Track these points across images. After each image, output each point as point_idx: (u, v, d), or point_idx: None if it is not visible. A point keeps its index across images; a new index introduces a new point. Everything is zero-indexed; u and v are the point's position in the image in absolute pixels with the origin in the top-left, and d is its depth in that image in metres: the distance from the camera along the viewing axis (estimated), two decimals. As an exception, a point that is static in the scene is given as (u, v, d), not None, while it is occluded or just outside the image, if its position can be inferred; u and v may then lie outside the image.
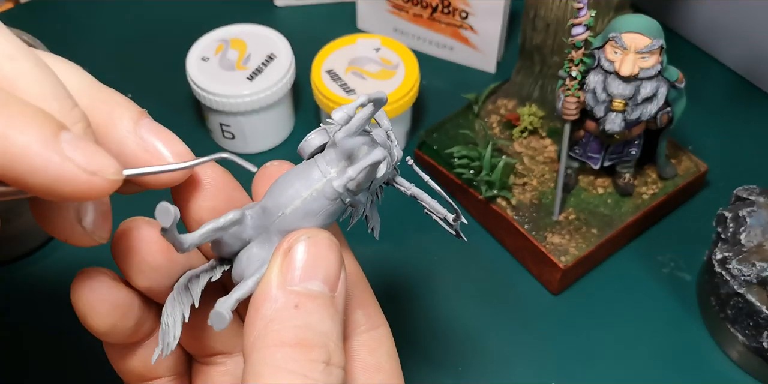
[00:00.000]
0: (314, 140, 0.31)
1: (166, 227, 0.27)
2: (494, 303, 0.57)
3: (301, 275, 0.28)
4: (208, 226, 0.29)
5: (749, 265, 0.51)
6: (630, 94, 0.51)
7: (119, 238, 0.30)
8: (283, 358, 0.27)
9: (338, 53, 0.62)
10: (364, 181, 0.30)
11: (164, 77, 0.68)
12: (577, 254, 0.55)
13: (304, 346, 0.27)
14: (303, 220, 0.30)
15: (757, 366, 0.53)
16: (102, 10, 0.74)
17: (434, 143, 0.60)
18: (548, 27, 0.58)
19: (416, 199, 0.33)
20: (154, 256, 0.30)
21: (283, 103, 0.62)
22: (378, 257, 0.58)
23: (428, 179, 0.32)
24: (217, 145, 0.65)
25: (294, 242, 0.29)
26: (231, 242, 0.30)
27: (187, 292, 0.31)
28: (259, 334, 0.27)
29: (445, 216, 0.33)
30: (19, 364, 0.54)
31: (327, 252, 0.29)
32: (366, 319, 0.33)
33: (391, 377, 0.32)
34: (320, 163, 0.30)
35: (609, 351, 0.54)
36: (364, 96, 0.28)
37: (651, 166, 0.59)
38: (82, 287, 0.30)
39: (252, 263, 0.30)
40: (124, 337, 0.31)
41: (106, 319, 0.31)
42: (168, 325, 0.30)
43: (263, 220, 0.30)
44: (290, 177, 0.30)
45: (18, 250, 0.59)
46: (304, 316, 0.28)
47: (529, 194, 0.58)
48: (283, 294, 0.28)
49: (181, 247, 0.29)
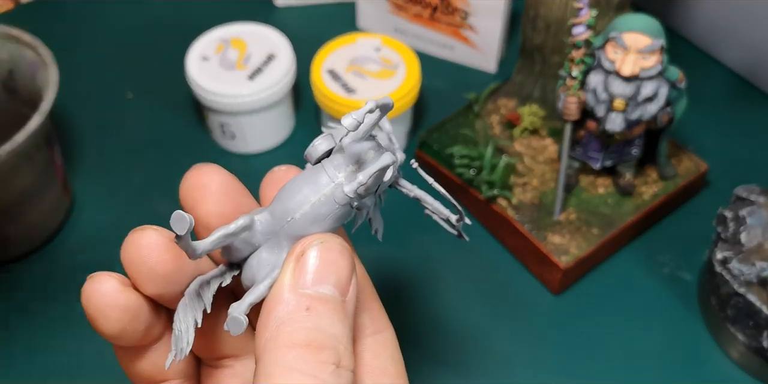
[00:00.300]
0: (321, 146, 0.31)
1: (181, 235, 0.27)
2: (495, 303, 0.57)
3: (313, 279, 0.29)
4: (219, 233, 0.30)
5: (749, 265, 0.51)
6: (631, 93, 0.51)
7: (128, 246, 0.30)
8: (294, 359, 0.27)
9: (338, 53, 0.62)
10: (373, 185, 0.30)
11: (164, 77, 0.68)
12: (578, 254, 0.55)
13: (315, 348, 0.27)
14: (312, 224, 0.30)
15: (757, 366, 0.53)
16: (102, 10, 0.74)
17: (435, 143, 0.60)
18: (549, 27, 0.58)
19: (419, 201, 0.33)
20: (164, 265, 0.30)
21: (283, 103, 0.62)
22: (380, 258, 0.58)
23: (432, 181, 0.32)
24: (217, 145, 0.65)
25: (307, 247, 0.29)
26: (241, 247, 0.31)
27: (199, 297, 0.31)
28: (271, 335, 0.28)
29: (448, 217, 0.34)
30: (19, 363, 0.54)
31: (339, 257, 0.29)
32: (371, 323, 0.33)
33: (396, 380, 0.32)
34: (328, 168, 0.30)
35: (609, 351, 0.54)
36: (372, 102, 0.28)
37: (651, 166, 0.59)
38: (92, 292, 0.31)
39: (262, 268, 0.31)
40: (134, 340, 0.32)
41: (116, 324, 0.31)
42: (181, 330, 0.30)
43: (272, 225, 0.31)
44: (298, 182, 0.31)
45: (18, 250, 0.59)
46: (315, 318, 0.28)
47: (530, 194, 0.58)
48: (294, 297, 0.28)
49: (193, 253, 0.29)
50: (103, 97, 0.68)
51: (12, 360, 0.55)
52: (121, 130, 0.66)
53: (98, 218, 0.61)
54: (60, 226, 0.60)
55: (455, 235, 0.35)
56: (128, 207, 0.62)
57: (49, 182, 0.57)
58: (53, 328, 0.55)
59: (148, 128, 0.66)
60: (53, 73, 0.54)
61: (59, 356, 0.54)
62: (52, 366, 0.54)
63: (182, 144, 0.65)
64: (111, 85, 0.69)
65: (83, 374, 0.54)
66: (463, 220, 0.34)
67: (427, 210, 0.34)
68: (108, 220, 0.61)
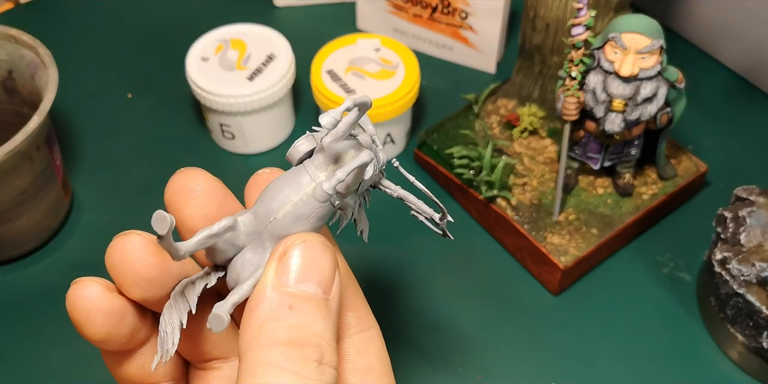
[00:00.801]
0: (302, 146, 0.32)
1: (162, 235, 0.28)
2: (494, 303, 0.57)
3: (295, 278, 0.29)
4: (202, 234, 0.30)
5: (749, 265, 0.51)
6: (630, 94, 0.51)
7: (113, 251, 0.31)
8: (276, 357, 0.27)
9: (338, 53, 0.62)
10: (352, 183, 0.30)
11: (164, 77, 0.68)
12: (577, 254, 0.55)
13: (297, 345, 0.28)
14: (294, 224, 0.30)
15: (757, 366, 0.53)
16: (102, 10, 0.74)
17: (434, 143, 0.60)
18: (548, 27, 0.58)
19: (403, 201, 0.34)
20: (148, 268, 0.31)
21: (283, 103, 0.62)
22: (378, 257, 0.58)
23: (413, 180, 0.33)
24: (217, 145, 0.65)
25: (289, 246, 0.30)
26: (225, 248, 0.31)
27: (184, 298, 0.31)
28: (253, 333, 0.28)
29: (432, 216, 0.34)
30: (20, 363, 0.54)
31: (321, 256, 0.30)
32: (356, 322, 0.34)
33: (381, 377, 0.33)
34: (309, 168, 0.31)
35: (609, 351, 0.54)
36: (349, 100, 0.29)
37: (651, 167, 0.59)
38: (76, 297, 0.31)
39: (246, 268, 0.31)
40: (120, 344, 0.32)
41: (101, 328, 0.31)
42: (166, 332, 0.31)
43: (256, 225, 0.31)
44: (280, 183, 0.31)
45: (18, 250, 0.59)
46: (298, 316, 0.28)
47: (529, 194, 0.58)
48: (277, 295, 0.29)
49: (176, 254, 0.29)
50: (103, 97, 0.68)
51: (12, 360, 0.55)
52: (121, 130, 0.66)
53: (98, 218, 0.61)
54: (60, 226, 0.60)
55: (440, 234, 0.35)
56: (128, 207, 0.62)
57: (49, 182, 0.57)
58: (53, 328, 0.55)
59: (148, 128, 0.66)
60: (53, 73, 0.54)
61: (59, 356, 0.54)
62: (52, 366, 0.54)
63: (182, 144, 0.65)
64: (111, 85, 0.69)
65: (83, 374, 0.54)
66: (446, 217, 0.34)
67: (413, 210, 0.34)
68: (108, 220, 0.61)
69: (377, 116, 0.58)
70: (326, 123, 0.29)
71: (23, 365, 0.54)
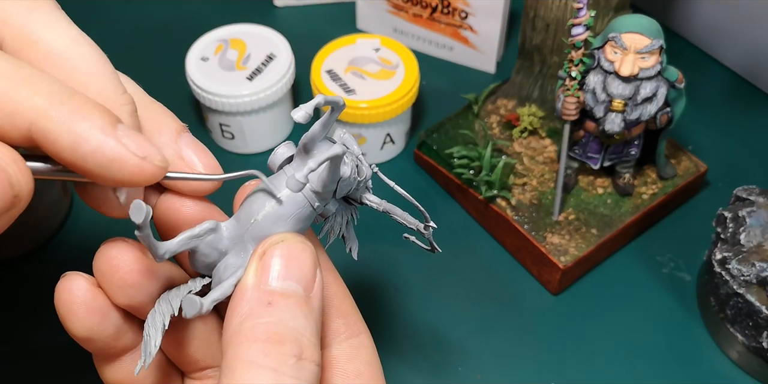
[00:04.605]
0: (281, 152, 0.33)
1: (139, 223, 0.28)
2: (494, 303, 0.57)
3: (276, 276, 0.30)
4: (184, 235, 0.31)
5: (749, 265, 0.51)
6: (630, 94, 0.51)
7: (99, 257, 0.31)
8: (254, 353, 0.27)
9: (338, 53, 0.62)
10: (328, 180, 0.31)
11: (164, 77, 0.68)
12: (577, 254, 0.55)
13: (275, 341, 0.28)
14: (274, 224, 0.31)
15: (756, 366, 0.53)
16: (101, 10, 0.74)
17: (434, 143, 0.60)
18: (548, 27, 0.58)
19: (389, 214, 0.35)
20: (133, 274, 0.31)
21: (283, 103, 0.62)
22: (378, 257, 0.58)
23: (394, 185, 0.33)
24: (217, 145, 0.65)
25: (269, 246, 0.30)
26: (207, 252, 0.32)
27: (168, 303, 0.32)
28: (233, 331, 0.28)
29: (418, 227, 0.35)
30: (20, 363, 0.54)
31: (301, 254, 0.30)
32: (345, 328, 0.34)
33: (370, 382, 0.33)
34: (287, 171, 0.32)
35: (609, 351, 0.54)
36: (321, 96, 0.30)
37: (651, 166, 0.59)
38: (62, 290, 0.32)
39: (229, 270, 0.32)
40: (104, 345, 0.32)
41: (83, 323, 0.31)
42: (149, 335, 0.31)
43: (237, 229, 0.32)
44: (260, 187, 0.32)
45: (18, 250, 0.59)
46: (277, 312, 0.29)
47: (529, 194, 0.58)
48: (257, 293, 0.29)
49: (157, 252, 0.30)
50: (103, 97, 0.68)
51: (12, 359, 0.55)
52: (121, 131, 0.66)
53: (98, 218, 0.61)
54: (60, 226, 0.60)
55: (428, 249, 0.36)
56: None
57: (49, 182, 0.57)
58: (53, 328, 0.55)
59: (147, 128, 0.66)
60: (53, 74, 0.54)
61: (59, 356, 0.54)
62: (52, 366, 0.54)
63: (182, 144, 0.65)
64: (111, 85, 0.69)
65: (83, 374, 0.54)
66: (430, 224, 0.35)
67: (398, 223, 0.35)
68: (108, 220, 0.61)
69: (377, 116, 0.58)
70: (298, 117, 0.29)
71: (23, 364, 0.54)
